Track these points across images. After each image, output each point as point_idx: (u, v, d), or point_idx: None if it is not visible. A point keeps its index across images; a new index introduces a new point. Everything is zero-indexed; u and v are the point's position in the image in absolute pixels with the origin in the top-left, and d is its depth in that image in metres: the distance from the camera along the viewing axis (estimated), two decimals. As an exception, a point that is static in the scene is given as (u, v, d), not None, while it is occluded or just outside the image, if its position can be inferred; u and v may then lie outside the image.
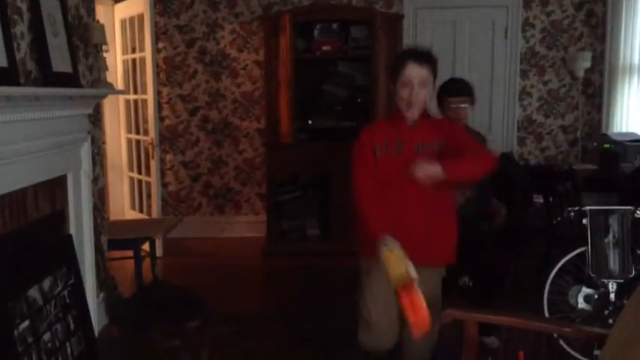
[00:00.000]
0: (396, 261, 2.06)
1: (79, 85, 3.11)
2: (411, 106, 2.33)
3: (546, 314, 3.14)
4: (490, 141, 3.46)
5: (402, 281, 2.03)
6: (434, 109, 2.92)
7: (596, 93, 5.74)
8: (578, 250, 3.13)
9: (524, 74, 5.81)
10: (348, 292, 4.04)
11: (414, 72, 2.30)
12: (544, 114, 5.86)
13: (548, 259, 3.26)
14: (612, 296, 3.04)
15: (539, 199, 4.08)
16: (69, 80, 2.96)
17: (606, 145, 4.34)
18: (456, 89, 3.24)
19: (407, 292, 2.02)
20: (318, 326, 3.60)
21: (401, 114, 2.38)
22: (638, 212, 3.08)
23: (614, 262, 3.03)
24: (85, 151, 3.25)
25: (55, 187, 2.99)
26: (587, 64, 5.62)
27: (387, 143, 2.36)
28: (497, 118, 5.84)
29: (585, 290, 3.12)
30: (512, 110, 5.83)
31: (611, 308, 3.02)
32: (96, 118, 3.62)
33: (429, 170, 2.14)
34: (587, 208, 3.09)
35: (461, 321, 2.06)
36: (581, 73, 5.68)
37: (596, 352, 2.84)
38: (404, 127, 2.38)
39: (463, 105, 3.20)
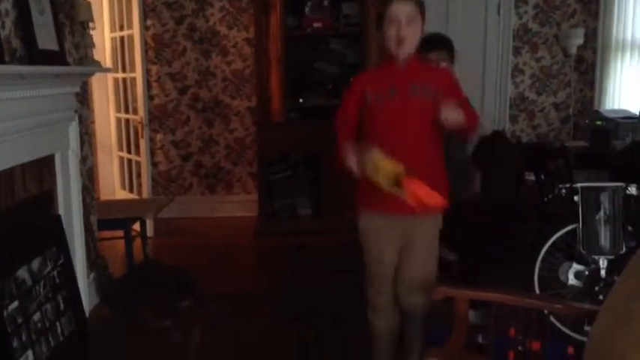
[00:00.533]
0: (384, 162, 2.01)
1: (65, 63, 3.06)
2: (401, 44, 2.20)
3: (537, 291, 3.15)
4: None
5: (397, 176, 1.99)
6: None
7: (589, 70, 5.72)
8: (569, 227, 3.13)
9: (516, 51, 5.78)
10: (339, 271, 4.07)
11: (400, 8, 2.19)
12: (536, 91, 5.84)
13: (539, 236, 3.26)
14: (603, 273, 3.05)
15: (530, 177, 4.08)
16: (55, 58, 2.91)
17: (598, 122, 4.33)
18: (432, 43, 2.91)
19: (408, 181, 1.98)
20: (309, 305, 3.61)
21: (391, 56, 2.26)
22: (629, 189, 3.08)
23: (605, 239, 3.03)
24: (73, 130, 3.21)
25: (43, 167, 2.95)
26: (580, 40, 5.59)
27: (379, 89, 2.26)
28: (490, 96, 5.82)
29: (576, 267, 3.13)
30: (505, 88, 5.80)
31: (601, 284, 3.04)
32: (84, 97, 3.57)
33: (454, 114, 2.09)
34: (579, 185, 3.09)
35: (452, 298, 2.07)
36: (573, 50, 5.66)
37: (587, 328, 2.86)
38: (395, 69, 2.27)
39: (442, 63, 2.96)
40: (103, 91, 5.65)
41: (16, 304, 2.48)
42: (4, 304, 2.40)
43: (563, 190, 3.18)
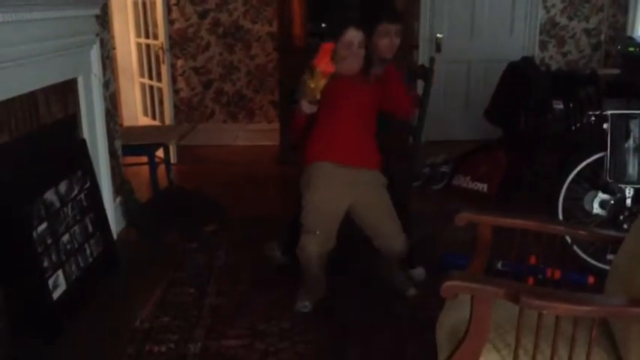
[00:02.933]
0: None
1: (84, -16, 2.99)
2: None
3: (561, 220, 3.14)
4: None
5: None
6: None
7: (623, -6, 5.47)
8: (596, 156, 3.08)
9: (549, -27, 5.53)
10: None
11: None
12: (568, 16, 5.61)
13: (565, 165, 3.21)
14: (629, 202, 3.02)
15: (559, 105, 3.98)
16: (73, -22, 2.85)
17: (631, 49, 4.17)
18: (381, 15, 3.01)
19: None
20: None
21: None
22: (661, 117, 2.99)
23: (632, 168, 2.98)
24: (95, 53, 3.19)
25: (67, 91, 2.95)
26: (616, -37, 5.33)
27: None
28: (520, 21, 5.63)
29: (601, 196, 3.10)
30: (535, 12, 5.59)
31: (626, 214, 3.01)
32: (104, 20, 3.51)
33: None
34: (609, 112, 3.01)
35: (475, 224, 2.06)
36: (608, -27, 5.40)
37: (610, 257, 2.86)
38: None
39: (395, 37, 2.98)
40: (122, 15, 5.57)
41: (45, 225, 2.54)
42: (33, 225, 2.46)
43: (593, 118, 3.11)
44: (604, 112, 3.03)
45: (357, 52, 2.68)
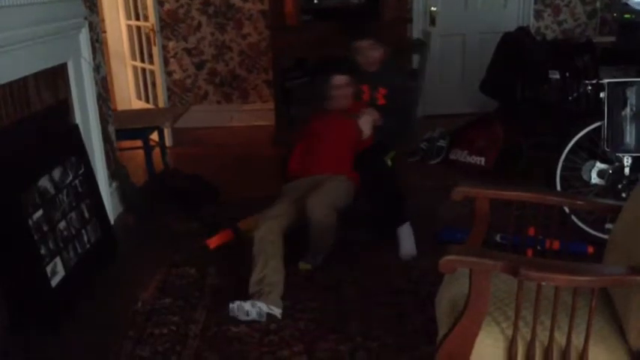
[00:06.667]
0: None
1: (69, -34, 2.94)
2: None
3: (559, 190, 3.12)
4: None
5: None
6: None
7: (619, -41, 5.39)
8: (593, 126, 3.06)
9: (542, -59, 5.45)
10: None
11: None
12: (563, -17, 5.55)
13: (563, 135, 3.19)
14: (627, 171, 3.00)
15: (555, 76, 3.94)
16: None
17: (627, 16, 4.14)
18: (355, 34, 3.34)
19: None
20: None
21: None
22: (658, 84, 2.96)
23: (630, 136, 2.96)
24: (84, 37, 3.15)
25: (57, 76, 2.92)
26: None
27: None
28: (514, -10, 5.56)
29: (599, 165, 3.08)
30: (530, -20, 5.52)
31: (625, 182, 3.00)
32: (92, 3, 3.46)
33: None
34: (605, 80, 2.98)
35: (472, 198, 2.05)
36: (603, -62, 5.32)
37: (608, 226, 2.85)
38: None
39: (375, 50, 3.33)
40: (111, -2, 5.49)
41: (40, 212, 2.52)
42: (28, 213, 2.44)
43: (589, 87, 3.08)
44: (600, 81, 3.00)
45: (343, 92, 3.23)
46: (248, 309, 2.47)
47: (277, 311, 2.51)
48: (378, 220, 3.15)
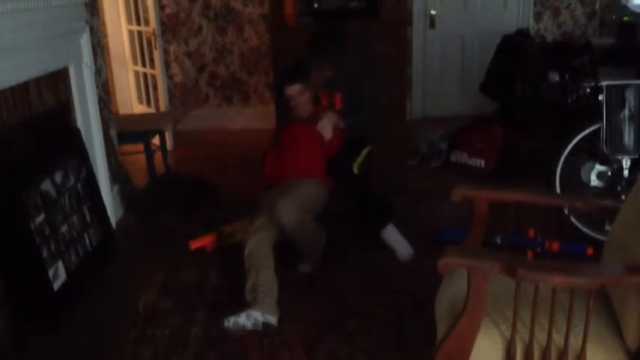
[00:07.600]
0: None
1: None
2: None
3: (558, 192, 3.13)
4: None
5: None
6: None
7: (618, -39, 5.41)
8: (592, 128, 3.07)
9: (542, -57, 5.47)
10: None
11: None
12: (563, -14, 5.56)
13: (562, 137, 3.21)
14: (626, 172, 3.01)
15: (554, 77, 3.95)
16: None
17: (625, 18, 4.15)
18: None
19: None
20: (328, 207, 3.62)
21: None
22: (656, 86, 2.97)
23: (629, 138, 2.97)
24: (85, 41, 3.16)
25: (58, 80, 2.94)
26: None
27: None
28: (514, -8, 5.57)
29: (598, 167, 3.09)
30: (529, -17, 5.54)
31: (624, 184, 3.01)
32: (93, 7, 3.48)
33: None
34: (604, 83, 2.99)
35: (471, 199, 2.06)
36: (603, -60, 5.33)
37: (608, 228, 2.86)
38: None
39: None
40: (112, 1, 5.51)
41: (42, 216, 2.54)
42: (30, 217, 2.46)
43: (588, 89, 3.09)
44: (599, 84, 3.01)
45: (299, 100, 3.16)
46: (243, 322, 2.45)
47: (273, 319, 2.48)
48: (361, 221, 3.17)
